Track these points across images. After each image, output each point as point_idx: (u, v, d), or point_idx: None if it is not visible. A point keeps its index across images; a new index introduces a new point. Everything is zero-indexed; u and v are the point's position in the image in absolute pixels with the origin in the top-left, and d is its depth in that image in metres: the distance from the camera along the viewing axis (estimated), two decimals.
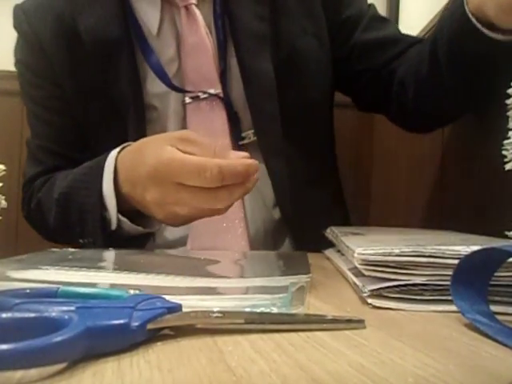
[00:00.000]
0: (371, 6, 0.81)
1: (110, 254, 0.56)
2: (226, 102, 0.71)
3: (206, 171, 0.48)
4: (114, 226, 0.61)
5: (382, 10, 1.54)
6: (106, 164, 0.60)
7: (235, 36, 0.72)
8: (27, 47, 0.77)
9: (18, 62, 0.80)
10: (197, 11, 0.70)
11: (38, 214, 0.73)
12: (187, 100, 0.71)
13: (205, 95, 0.70)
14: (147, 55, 0.71)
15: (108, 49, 0.71)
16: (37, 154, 0.79)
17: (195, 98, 0.71)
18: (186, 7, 0.70)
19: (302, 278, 0.37)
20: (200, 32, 0.70)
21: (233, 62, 0.72)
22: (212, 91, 0.71)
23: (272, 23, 0.73)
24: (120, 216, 0.60)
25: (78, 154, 0.74)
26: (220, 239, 0.69)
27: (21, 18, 0.75)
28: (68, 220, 0.65)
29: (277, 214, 0.74)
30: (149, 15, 0.72)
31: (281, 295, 0.31)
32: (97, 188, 0.60)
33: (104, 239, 0.61)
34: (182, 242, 0.72)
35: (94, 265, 0.43)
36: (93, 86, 0.73)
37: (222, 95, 0.71)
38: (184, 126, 0.72)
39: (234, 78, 0.72)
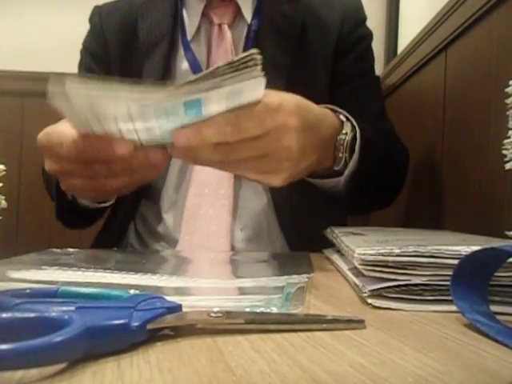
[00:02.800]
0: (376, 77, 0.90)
1: (110, 254, 0.56)
2: None
3: (62, 144, 0.50)
4: (69, 195, 0.64)
5: (382, 10, 1.54)
6: None
7: None
8: (93, 35, 0.90)
9: (82, 48, 0.92)
10: (227, 31, 0.80)
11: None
12: None
13: None
14: (186, 51, 0.81)
15: (152, 44, 0.82)
16: None
17: None
18: (220, 25, 0.81)
19: (302, 278, 0.37)
20: (225, 48, 0.80)
21: None
22: None
23: (293, 57, 0.81)
24: None
25: None
26: (209, 238, 0.72)
27: (96, 12, 0.90)
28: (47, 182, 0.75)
29: (272, 216, 0.76)
30: (190, 22, 0.83)
31: (275, 296, 0.31)
32: None
33: (66, 208, 0.66)
34: (172, 238, 0.75)
35: (95, 265, 0.43)
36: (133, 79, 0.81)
37: None
38: None
39: None
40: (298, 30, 0.82)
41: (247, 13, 0.82)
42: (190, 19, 0.84)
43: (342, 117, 0.62)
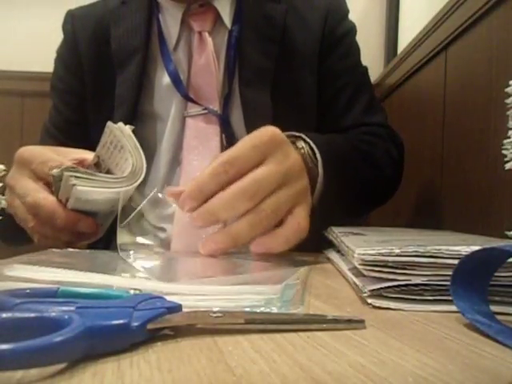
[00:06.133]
0: (363, 72, 0.88)
1: (110, 255, 0.55)
2: (225, 122, 0.77)
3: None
4: None
5: (381, 10, 1.54)
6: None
7: (241, 68, 0.79)
8: (66, 44, 0.88)
9: (56, 57, 0.91)
10: (208, 38, 0.78)
11: None
12: (188, 113, 0.78)
13: (205, 111, 0.77)
14: (167, 62, 0.79)
15: (126, 55, 0.80)
16: (43, 135, 0.89)
17: (195, 115, 0.78)
18: (200, 33, 0.79)
19: (301, 278, 0.37)
20: (207, 57, 0.78)
21: (237, 89, 0.79)
22: (211, 108, 0.77)
23: (277, 60, 0.80)
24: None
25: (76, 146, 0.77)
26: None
27: (68, 19, 0.88)
28: None
29: None
30: (170, 29, 0.81)
31: (275, 296, 0.31)
32: None
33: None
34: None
35: (94, 265, 0.43)
36: (106, 89, 0.82)
37: (221, 115, 0.77)
38: (180, 138, 0.78)
39: (236, 103, 0.79)
40: (280, 32, 0.80)
41: (227, 18, 0.80)
42: (169, 28, 0.81)
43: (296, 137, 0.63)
